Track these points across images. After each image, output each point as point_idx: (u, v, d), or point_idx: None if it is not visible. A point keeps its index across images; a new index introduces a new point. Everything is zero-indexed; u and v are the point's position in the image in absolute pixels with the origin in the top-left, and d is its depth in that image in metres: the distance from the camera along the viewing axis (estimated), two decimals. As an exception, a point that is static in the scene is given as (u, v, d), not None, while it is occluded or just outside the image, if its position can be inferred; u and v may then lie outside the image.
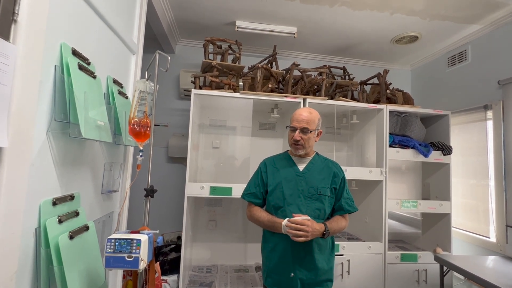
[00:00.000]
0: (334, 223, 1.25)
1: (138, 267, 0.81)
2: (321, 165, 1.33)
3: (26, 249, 0.75)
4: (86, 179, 1.07)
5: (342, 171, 1.35)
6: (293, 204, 1.24)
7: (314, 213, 1.23)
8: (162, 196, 2.49)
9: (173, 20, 2.29)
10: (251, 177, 1.40)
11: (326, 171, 1.31)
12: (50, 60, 0.81)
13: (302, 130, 1.25)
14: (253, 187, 1.34)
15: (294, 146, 1.29)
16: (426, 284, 2.05)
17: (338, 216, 1.30)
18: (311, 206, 1.24)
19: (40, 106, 0.78)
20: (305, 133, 1.25)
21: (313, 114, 1.29)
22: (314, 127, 1.27)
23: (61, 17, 0.85)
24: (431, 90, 2.74)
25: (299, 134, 1.25)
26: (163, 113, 2.60)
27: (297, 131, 1.26)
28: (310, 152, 1.34)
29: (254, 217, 1.31)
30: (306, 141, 1.26)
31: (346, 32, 2.36)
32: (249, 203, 1.35)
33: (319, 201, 1.25)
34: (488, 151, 2.10)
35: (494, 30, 2.12)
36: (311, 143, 1.29)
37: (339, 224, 1.26)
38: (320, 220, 1.24)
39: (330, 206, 1.29)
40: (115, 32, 1.23)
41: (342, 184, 1.32)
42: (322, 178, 1.29)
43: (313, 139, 1.30)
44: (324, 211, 1.26)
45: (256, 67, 2.05)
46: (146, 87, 1.07)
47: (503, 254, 1.88)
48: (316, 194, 1.25)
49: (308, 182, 1.27)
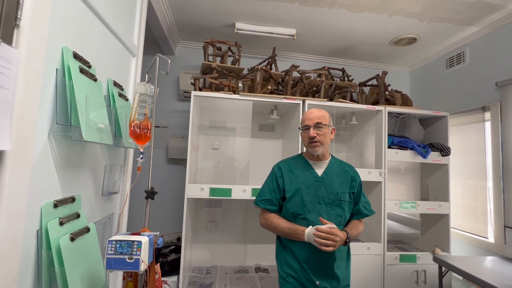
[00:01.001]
0: (354, 229, 1.22)
1: (139, 269, 0.82)
2: (338, 169, 1.29)
3: (28, 251, 0.76)
4: (87, 181, 1.07)
5: (358, 175, 1.32)
6: (314, 211, 1.20)
7: (335, 220, 1.20)
8: (162, 198, 2.50)
9: (173, 22, 2.30)
10: (265, 182, 1.34)
11: (343, 176, 1.28)
12: (51, 64, 0.82)
13: (317, 126, 1.22)
14: (268, 193, 1.28)
15: (311, 145, 1.24)
16: (425, 285, 2.06)
17: (356, 221, 1.28)
18: (332, 212, 1.21)
19: (42, 109, 0.79)
20: (320, 128, 1.22)
21: (323, 112, 1.27)
22: (327, 123, 1.25)
23: (62, 21, 0.86)
24: (429, 92, 2.76)
25: (314, 130, 1.22)
26: (163, 115, 2.61)
27: (311, 128, 1.22)
28: (326, 155, 1.31)
29: (271, 225, 1.25)
30: (322, 136, 1.22)
31: (345, 34, 2.37)
32: (263, 209, 1.30)
33: (339, 207, 1.22)
34: (486, 152, 2.11)
35: (491, 32, 2.14)
36: (327, 140, 1.25)
37: (358, 230, 1.24)
38: (341, 226, 1.22)
39: (349, 211, 1.26)
40: (115, 35, 1.24)
41: (359, 188, 1.29)
42: (341, 183, 1.25)
43: (329, 136, 1.26)
44: (344, 217, 1.23)
45: (256, 69, 2.06)
46: (147, 89, 1.08)
47: (501, 255, 1.89)
48: (336, 200, 1.22)
49: (327, 187, 1.23)
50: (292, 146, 2.11)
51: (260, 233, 2.32)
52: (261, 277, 2.09)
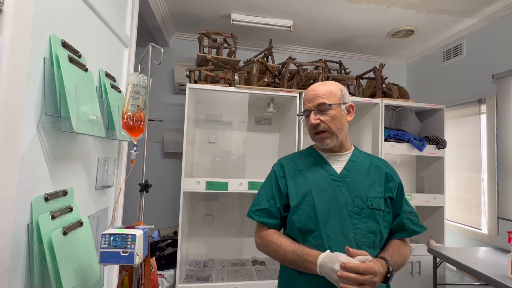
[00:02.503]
0: (397, 256, 0.80)
1: (133, 262, 0.81)
2: (366, 164, 0.91)
3: (18, 246, 0.74)
4: (80, 174, 1.05)
5: (396, 173, 0.92)
6: (332, 225, 0.81)
7: (367, 240, 0.80)
8: (158, 192, 2.48)
9: (167, 12, 2.25)
10: (261, 186, 0.96)
11: (375, 173, 0.89)
12: (38, 52, 0.79)
13: (318, 109, 0.86)
14: (266, 201, 0.90)
15: (317, 137, 0.89)
16: (419, 276, 2.09)
17: (398, 242, 0.86)
18: (361, 228, 0.81)
19: (29, 100, 0.76)
20: (324, 112, 0.85)
21: (329, 85, 0.89)
22: (337, 100, 0.86)
23: (49, 7, 0.82)
24: (426, 84, 2.75)
25: (316, 116, 0.86)
26: (158, 108, 2.57)
27: (312, 113, 0.87)
28: (346, 143, 0.93)
29: (269, 247, 0.86)
30: (331, 122, 0.85)
31: (342, 26, 2.34)
32: (259, 224, 0.92)
33: (372, 219, 0.82)
34: (481, 145, 2.13)
35: (489, 23, 2.13)
36: (342, 124, 0.87)
37: (402, 256, 0.82)
38: (376, 249, 0.82)
39: (387, 226, 0.85)
40: (106, 24, 1.20)
41: (400, 192, 0.89)
42: (371, 183, 0.86)
43: (342, 117, 0.87)
44: (380, 235, 0.82)
45: (252, 61, 2.03)
46: (140, 80, 1.05)
47: (494, 245, 1.92)
48: (367, 208, 0.82)
49: (351, 190, 0.85)
50: (290, 139, 2.10)
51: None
52: (258, 270, 2.10)
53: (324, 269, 0.73)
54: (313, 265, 0.76)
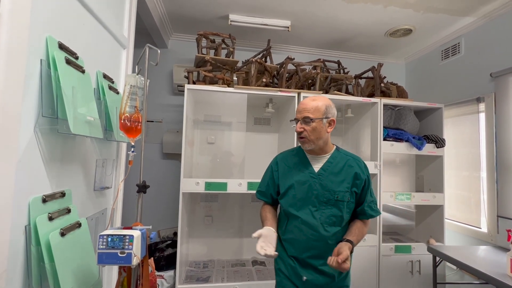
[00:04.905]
0: (359, 235, 1.12)
1: (131, 263, 0.81)
2: (341, 164, 1.16)
3: (16, 247, 0.74)
4: (78, 175, 1.05)
5: (367, 170, 1.18)
6: (305, 210, 1.12)
7: (329, 220, 1.11)
8: (157, 193, 2.48)
9: (165, 13, 2.25)
10: (264, 172, 1.30)
11: (346, 171, 1.14)
12: (35, 54, 0.79)
13: (304, 120, 1.11)
14: (264, 185, 1.25)
15: (299, 140, 1.16)
16: (419, 275, 2.09)
17: (360, 224, 1.16)
18: (326, 212, 1.11)
19: (26, 101, 0.76)
20: (307, 123, 1.10)
21: (318, 101, 1.12)
22: (320, 115, 1.10)
23: (46, 9, 0.83)
24: (425, 84, 2.75)
25: (301, 125, 1.11)
26: (157, 109, 2.58)
27: (299, 122, 1.12)
28: (326, 147, 1.17)
29: (260, 214, 1.24)
30: (311, 132, 1.10)
31: (340, 26, 2.34)
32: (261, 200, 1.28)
33: (336, 207, 1.11)
34: (480, 143, 2.13)
35: (487, 22, 2.13)
36: (320, 135, 1.11)
37: (362, 233, 1.14)
38: (337, 227, 1.12)
39: (349, 211, 1.14)
40: (104, 26, 1.20)
41: (366, 186, 1.16)
42: (341, 181, 1.13)
43: (322, 129, 1.11)
44: (341, 217, 1.12)
45: (250, 62, 2.03)
46: (137, 81, 1.05)
47: (494, 244, 1.92)
48: (332, 200, 1.11)
49: (324, 185, 1.12)
50: (288, 139, 2.10)
51: (257, 227, 2.31)
52: (258, 270, 2.10)
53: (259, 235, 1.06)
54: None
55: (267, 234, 1.06)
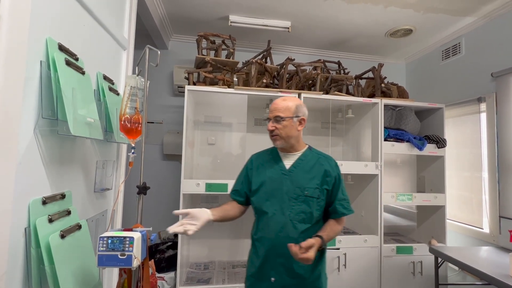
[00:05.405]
0: (330, 232, 1.12)
1: (131, 265, 0.81)
2: (312, 162, 1.18)
3: (16, 249, 0.74)
4: (78, 177, 1.05)
5: (337, 168, 1.20)
6: (276, 205, 1.13)
7: (298, 217, 1.11)
8: (158, 194, 2.48)
9: (165, 15, 2.25)
10: (240, 171, 1.30)
11: (316, 169, 1.16)
12: (35, 56, 0.79)
13: (275, 119, 1.14)
14: (239, 184, 1.25)
15: (271, 139, 1.18)
16: (421, 276, 2.08)
17: (332, 222, 1.17)
18: (295, 208, 1.11)
19: (26, 103, 0.76)
20: (279, 122, 1.13)
21: (288, 101, 1.16)
22: (290, 114, 1.13)
23: (46, 11, 0.83)
24: (425, 84, 2.75)
25: (272, 123, 1.14)
26: (157, 110, 2.58)
27: (271, 121, 1.15)
28: (297, 146, 1.20)
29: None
30: (282, 130, 1.13)
31: (340, 26, 2.34)
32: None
33: (305, 203, 1.12)
34: (481, 144, 2.12)
35: (487, 22, 2.12)
36: (291, 133, 1.15)
37: (334, 231, 1.14)
38: (307, 224, 1.12)
39: (320, 208, 1.14)
40: (104, 27, 1.20)
41: (337, 184, 1.17)
42: (311, 178, 1.14)
43: (292, 128, 1.14)
44: (310, 214, 1.12)
45: (251, 62, 2.03)
46: (137, 82, 1.05)
47: (496, 245, 1.91)
48: (302, 196, 1.12)
49: (293, 181, 1.14)
50: (288, 140, 2.10)
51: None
52: (259, 272, 2.09)
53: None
54: None
55: (195, 214, 1.04)
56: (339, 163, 2.05)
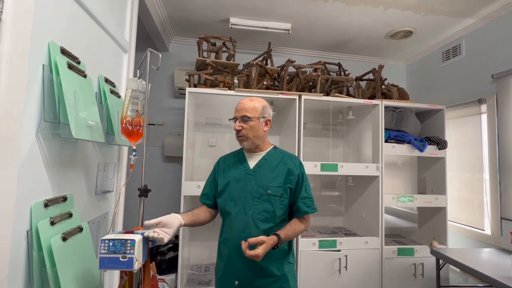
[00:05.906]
0: (290, 231, 1.10)
1: (132, 268, 0.81)
2: (276, 161, 1.18)
3: (18, 252, 0.74)
4: (79, 180, 1.05)
5: (301, 167, 1.19)
6: (240, 205, 1.12)
7: (261, 216, 1.10)
8: (159, 196, 2.48)
9: (166, 17, 2.26)
10: (209, 175, 1.29)
11: (280, 168, 1.16)
12: (37, 59, 0.79)
13: (242, 119, 1.13)
14: (207, 188, 1.24)
15: (238, 139, 1.17)
16: (422, 278, 2.07)
17: (295, 220, 1.15)
18: (258, 207, 1.11)
19: (28, 106, 0.76)
20: (245, 122, 1.13)
21: (255, 101, 1.16)
22: (257, 115, 1.14)
23: (48, 15, 0.83)
24: (426, 85, 2.75)
25: (239, 123, 1.14)
26: (158, 112, 2.58)
27: (237, 121, 1.15)
28: (262, 146, 1.20)
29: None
30: (249, 130, 1.13)
31: (340, 28, 2.35)
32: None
33: (268, 202, 1.11)
34: (482, 145, 2.12)
35: (488, 23, 2.13)
36: (257, 133, 1.15)
37: (295, 230, 1.12)
38: (270, 223, 1.11)
39: (283, 207, 1.13)
40: (106, 31, 1.21)
41: (300, 182, 1.16)
42: (274, 177, 1.14)
43: (259, 128, 1.15)
44: (273, 213, 1.11)
45: (251, 64, 2.04)
46: (138, 85, 1.06)
47: (497, 246, 1.90)
48: (265, 195, 1.11)
49: (257, 180, 1.14)
50: (290, 142, 2.10)
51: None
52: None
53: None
54: None
55: (167, 221, 1.02)
56: (340, 164, 2.08)
